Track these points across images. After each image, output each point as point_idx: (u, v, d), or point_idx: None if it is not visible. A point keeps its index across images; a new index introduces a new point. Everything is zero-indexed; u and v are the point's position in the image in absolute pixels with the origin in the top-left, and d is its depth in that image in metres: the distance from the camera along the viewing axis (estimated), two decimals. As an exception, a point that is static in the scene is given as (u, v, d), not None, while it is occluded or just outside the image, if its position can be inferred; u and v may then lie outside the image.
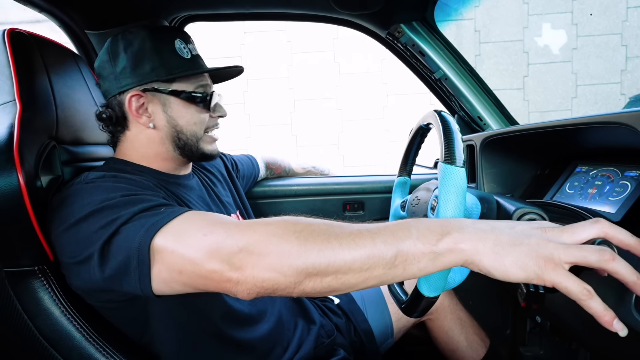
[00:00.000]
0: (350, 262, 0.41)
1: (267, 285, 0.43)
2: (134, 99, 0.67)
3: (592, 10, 3.36)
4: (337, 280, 0.42)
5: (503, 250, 0.38)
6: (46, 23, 0.93)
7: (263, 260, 0.42)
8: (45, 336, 0.55)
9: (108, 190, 0.54)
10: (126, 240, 0.49)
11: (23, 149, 0.55)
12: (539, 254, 0.37)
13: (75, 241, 0.52)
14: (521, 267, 0.37)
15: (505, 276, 0.38)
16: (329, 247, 0.41)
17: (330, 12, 1.07)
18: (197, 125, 0.71)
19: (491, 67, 3.43)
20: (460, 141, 0.53)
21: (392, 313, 0.96)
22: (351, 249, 0.41)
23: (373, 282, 0.42)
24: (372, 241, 0.41)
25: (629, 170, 0.68)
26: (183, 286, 0.49)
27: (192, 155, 0.73)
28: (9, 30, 0.62)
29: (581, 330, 0.66)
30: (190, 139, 0.71)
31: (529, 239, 0.38)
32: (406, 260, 0.40)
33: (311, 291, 0.43)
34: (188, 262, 0.46)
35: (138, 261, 0.47)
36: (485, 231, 0.40)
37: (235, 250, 0.43)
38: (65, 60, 0.73)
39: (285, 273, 0.42)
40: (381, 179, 1.25)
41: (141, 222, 0.49)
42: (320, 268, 0.41)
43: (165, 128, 0.69)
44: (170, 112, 0.69)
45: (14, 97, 0.58)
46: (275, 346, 0.74)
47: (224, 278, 0.44)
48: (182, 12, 1.05)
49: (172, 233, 0.48)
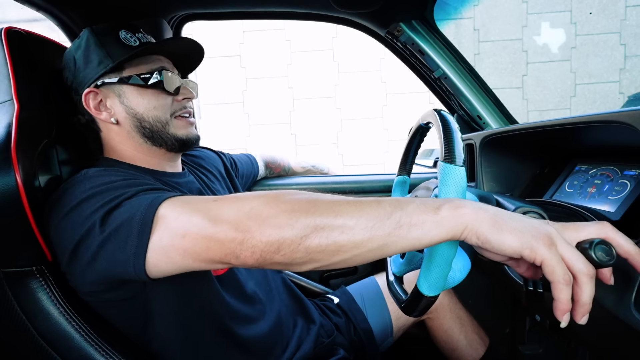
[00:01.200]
0: (357, 216, 0.41)
1: (273, 239, 0.42)
2: (90, 97, 0.68)
3: (591, 9, 3.36)
4: (343, 235, 0.41)
5: (502, 220, 0.39)
6: (44, 22, 0.92)
7: (271, 218, 0.42)
8: (44, 336, 0.55)
9: (110, 176, 0.55)
10: (129, 211, 0.49)
11: (21, 149, 0.54)
12: (538, 230, 0.38)
13: (75, 223, 0.51)
14: (518, 235, 0.38)
15: (501, 242, 0.38)
16: (337, 204, 0.42)
17: (329, 10, 1.07)
18: (158, 110, 0.69)
19: (490, 66, 3.44)
20: (460, 140, 0.53)
21: (391, 312, 0.96)
22: (358, 208, 0.42)
23: (379, 241, 0.41)
24: (377, 203, 0.42)
25: (628, 169, 0.68)
26: (183, 255, 0.47)
27: (165, 143, 0.70)
28: (6, 29, 0.61)
29: (580, 329, 0.66)
30: (155, 125, 0.69)
31: (531, 220, 0.40)
32: (410, 221, 0.41)
33: (316, 248, 0.41)
34: (194, 224, 0.46)
35: (139, 229, 0.47)
36: (487, 205, 0.41)
37: (246, 210, 0.44)
38: (62, 59, 0.73)
39: (293, 225, 0.41)
40: (380, 178, 1.25)
41: (145, 197, 0.50)
42: (327, 221, 0.41)
43: (127, 120, 0.69)
44: (126, 102, 0.68)
45: (12, 96, 0.58)
46: (274, 345, 0.73)
47: (229, 237, 0.43)
48: (180, 11, 1.05)
49: (180, 201, 0.49)
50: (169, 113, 0.70)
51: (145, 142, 0.70)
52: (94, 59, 0.66)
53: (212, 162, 0.93)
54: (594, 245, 0.38)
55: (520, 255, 0.38)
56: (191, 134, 0.73)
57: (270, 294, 0.80)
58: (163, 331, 0.62)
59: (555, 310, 0.37)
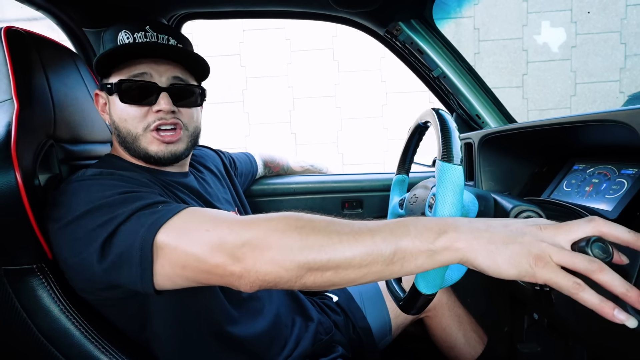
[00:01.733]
0: (350, 257, 0.42)
1: (270, 278, 0.43)
2: (98, 98, 0.71)
3: (591, 8, 3.36)
4: (337, 275, 0.42)
5: (496, 249, 0.39)
6: (43, 21, 0.92)
7: (266, 254, 0.43)
8: (44, 334, 0.55)
9: (105, 188, 0.54)
10: (127, 239, 0.49)
11: (21, 148, 0.55)
12: (531, 252, 0.38)
13: (73, 239, 0.52)
14: (513, 264, 0.38)
15: (498, 273, 0.39)
16: (330, 242, 0.42)
17: (329, 10, 1.07)
18: (128, 122, 0.65)
19: (490, 65, 3.43)
20: (457, 139, 0.53)
21: (390, 310, 0.97)
22: (351, 245, 0.42)
23: (372, 277, 0.43)
24: (372, 238, 0.42)
25: (625, 168, 0.68)
26: (186, 280, 0.49)
27: (138, 155, 0.67)
28: (6, 28, 0.61)
29: (578, 327, 0.66)
30: (127, 138, 0.66)
31: (523, 238, 0.39)
32: (404, 257, 0.41)
33: (312, 285, 0.43)
34: (192, 257, 0.46)
35: (140, 259, 0.48)
36: (480, 230, 0.41)
37: (239, 244, 0.44)
38: (62, 58, 0.73)
39: (287, 267, 0.42)
40: (380, 177, 1.25)
41: (140, 221, 0.49)
42: (321, 263, 0.42)
43: (111, 125, 0.70)
44: (110, 109, 0.69)
45: (11, 95, 0.58)
46: (273, 343, 0.74)
47: (227, 272, 0.45)
48: (180, 10, 1.05)
49: (174, 229, 0.48)
50: (140, 127, 0.65)
51: (124, 151, 0.69)
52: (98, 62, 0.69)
53: (211, 161, 0.93)
54: (590, 243, 0.38)
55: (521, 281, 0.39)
56: (162, 153, 0.66)
57: (269, 292, 0.81)
58: (161, 330, 0.62)
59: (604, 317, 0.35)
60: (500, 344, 1.16)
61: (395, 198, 0.87)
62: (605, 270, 0.36)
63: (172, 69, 0.68)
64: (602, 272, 0.36)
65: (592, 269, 0.36)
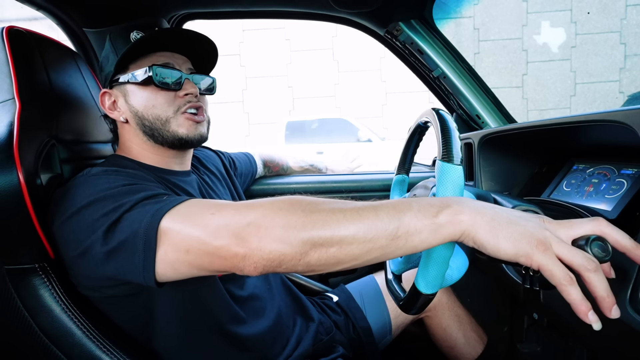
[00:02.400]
0: (354, 232, 0.42)
1: (274, 256, 0.43)
2: (105, 97, 0.71)
3: (591, 8, 3.37)
4: (341, 250, 0.42)
5: (499, 225, 0.39)
6: (44, 20, 0.93)
7: (270, 232, 0.43)
8: (46, 333, 0.56)
9: (109, 181, 0.55)
10: (131, 226, 0.49)
11: (23, 147, 0.55)
12: (533, 235, 0.38)
13: (77, 230, 0.52)
14: (513, 243, 0.38)
15: (496, 249, 0.39)
16: (334, 218, 0.42)
17: (329, 10, 1.07)
18: (157, 108, 0.68)
19: (490, 65, 3.44)
20: (457, 139, 0.54)
21: (390, 310, 0.97)
22: (355, 220, 0.42)
23: (376, 253, 0.42)
24: (375, 213, 0.42)
25: (625, 168, 0.68)
26: (189, 267, 0.49)
27: (166, 141, 0.69)
28: (8, 28, 0.62)
29: (578, 327, 0.66)
30: (154, 123, 0.68)
31: (527, 222, 0.40)
32: (408, 231, 0.41)
33: (316, 263, 0.43)
34: (195, 240, 0.46)
35: (144, 245, 0.48)
36: (485, 207, 0.41)
37: (243, 224, 0.44)
38: (63, 58, 0.73)
39: (292, 243, 0.42)
40: (379, 177, 1.26)
41: (145, 209, 0.50)
42: (325, 238, 0.42)
43: (132, 118, 0.70)
44: (130, 101, 0.70)
45: (14, 95, 0.58)
46: (274, 343, 0.74)
47: (231, 253, 0.44)
48: (180, 10, 1.05)
49: (179, 214, 0.48)
50: (171, 110, 0.69)
51: (148, 140, 0.71)
52: (107, 62, 0.70)
53: (211, 161, 0.93)
54: (590, 241, 0.39)
55: (517, 261, 0.39)
56: (191, 134, 0.70)
57: (270, 292, 0.81)
58: (164, 328, 0.62)
59: (577, 314, 0.37)
60: (500, 343, 1.16)
61: (395, 198, 0.87)
62: (598, 272, 0.37)
63: (187, 61, 0.74)
64: (595, 272, 0.37)
65: (587, 267, 0.37)
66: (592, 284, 0.37)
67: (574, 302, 0.37)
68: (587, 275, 0.37)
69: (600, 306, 0.37)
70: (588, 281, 0.37)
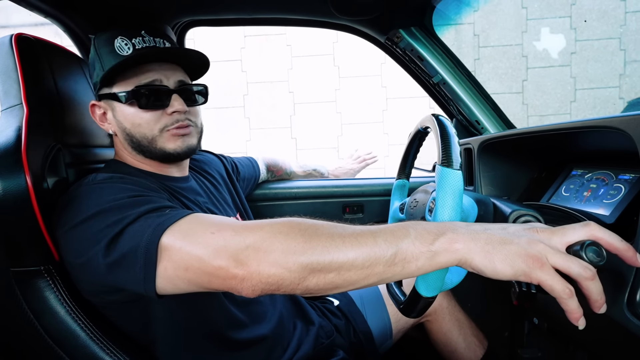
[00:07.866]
0: (353, 258, 0.42)
1: (272, 280, 0.44)
2: (95, 109, 0.71)
3: (591, 14, 3.39)
4: (339, 276, 0.43)
5: (493, 249, 0.40)
6: (50, 26, 0.94)
7: (269, 256, 0.43)
8: (51, 335, 0.56)
9: (115, 191, 0.55)
10: (133, 239, 0.50)
11: (31, 151, 0.56)
12: (528, 253, 0.39)
13: (80, 239, 0.53)
14: (510, 264, 0.39)
15: (495, 273, 0.39)
16: (333, 244, 0.43)
17: (330, 17, 1.08)
18: (143, 127, 0.67)
19: (490, 71, 3.46)
20: (457, 144, 0.54)
21: (391, 315, 0.97)
22: (354, 247, 0.43)
23: (373, 279, 0.43)
24: (374, 240, 0.43)
25: (623, 174, 0.69)
26: (188, 284, 0.49)
27: (154, 155, 0.69)
28: (17, 35, 0.63)
29: (578, 332, 0.66)
30: (142, 141, 0.68)
31: (520, 239, 0.40)
32: (405, 258, 0.42)
33: (314, 287, 0.44)
34: (195, 259, 0.47)
35: (145, 259, 0.48)
36: (478, 232, 0.42)
37: (242, 247, 0.45)
38: (70, 65, 0.75)
39: (290, 268, 0.43)
40: (380, 181, 1.26)
41: (148, 222, 0.50)
42: (324, 264, 0.42)
43: (120, 133, 0.70)
44: (117, 116, 0.69)
45: (21, 100, 0.60)
46: (275, 347, 0.74)
47: (229, 275, 0.45)
48: (184, 17, 1.07)
49: (179, 231, 0.49)
50: (157, 129, 0.68)
51: (137, 154, 0.71)
52: (96, 72, 0.69)
53: (214, 166, 0.94)
54: (585, 247, 0.39)
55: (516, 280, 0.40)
56: (179, 149, 0.69)
57: (272, 296, 0.81)
58: (164, 334, 0.63)
59: (570, 320, 0.38)
60: (500, 348, 1.16)
61: (395, 203, 0.88)
62: (595, 280, 0.38)
63: (176, 72, 0.71)
64: (592, 280, 0.37)
65: (585, 276, 0.37)
66: (589, 291, 0.38)
67: (570, 311, 0.38)
68: (586, 285, 0.38)
69: (592, 307, 0.39)
70: (586, 289, 0.38)
